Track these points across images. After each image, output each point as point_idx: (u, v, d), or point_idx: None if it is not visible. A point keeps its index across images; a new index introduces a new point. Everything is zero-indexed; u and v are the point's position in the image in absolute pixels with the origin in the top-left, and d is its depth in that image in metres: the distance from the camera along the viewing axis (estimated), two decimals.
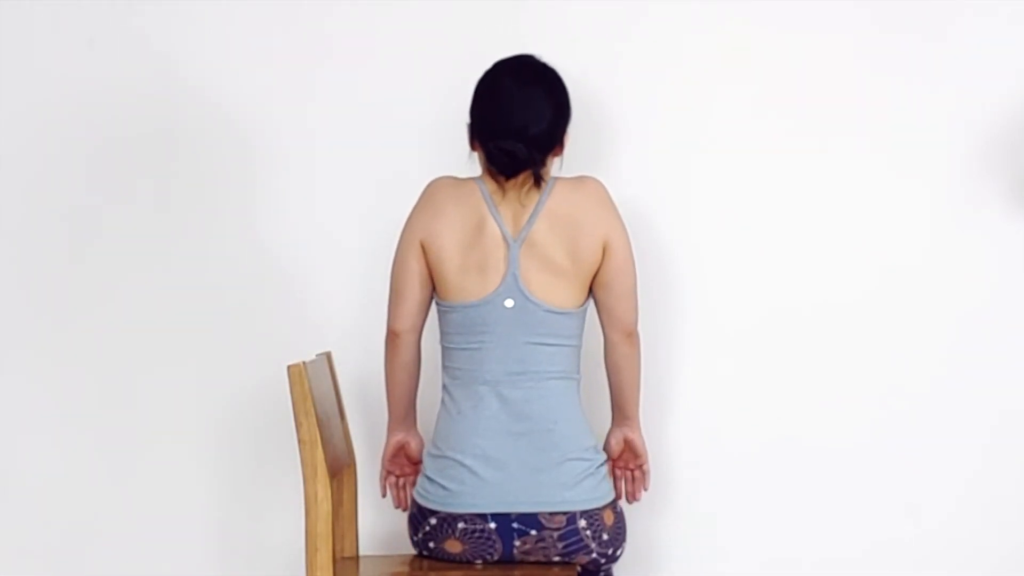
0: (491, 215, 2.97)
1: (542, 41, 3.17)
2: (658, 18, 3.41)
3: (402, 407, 3.11)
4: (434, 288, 3.02)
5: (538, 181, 2.97)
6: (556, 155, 3.03)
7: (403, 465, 3.16)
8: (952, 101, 3.37)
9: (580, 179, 3.02)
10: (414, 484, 3.11)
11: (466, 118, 3.02)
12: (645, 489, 3.18)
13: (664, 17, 3.41)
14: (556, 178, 3.01)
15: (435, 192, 3.02)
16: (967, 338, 3.38)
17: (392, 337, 3.05)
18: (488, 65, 3.03)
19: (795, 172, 3.40)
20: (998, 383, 3.38)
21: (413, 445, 3.15)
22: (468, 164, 3.06)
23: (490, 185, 3.00)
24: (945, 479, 3.38)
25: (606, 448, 3.14)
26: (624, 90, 3.41)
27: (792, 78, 3.39)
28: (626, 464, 3.16)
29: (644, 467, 3.17)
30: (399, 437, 3.14)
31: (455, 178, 3.04)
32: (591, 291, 3.03)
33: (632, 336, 3.06)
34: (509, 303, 2.95)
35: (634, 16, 3.41)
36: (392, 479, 3.17)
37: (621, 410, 3.13)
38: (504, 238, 2.96)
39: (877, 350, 3.39)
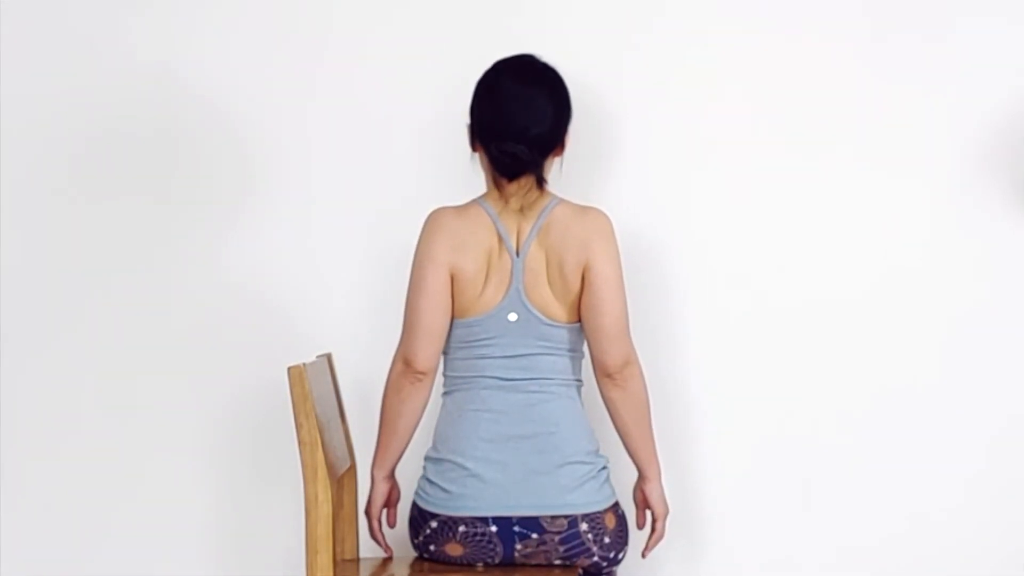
0: (501, 234, 2.95)
1: (542, 42, 3.15)
2: (660, 18, 3.41)
3: (400, 451, 3.01)
4: None
5: (540, 183, 2.96)
6: (557, 155, 3.01)
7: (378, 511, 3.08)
8: (952, 102, 3.37)
9: (585, 208, 2.98)
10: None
11: (466, 118, 3.00)
12: (649, 548, 3.08)
13: (666, 17, 3.40)
14: (562, 200, 2.98)
15: (446, 223, 2.95)
16: (969, 338, 3.38)
17: (417, 377, 2.94)
18: (488, 65, 3.02)
19: (796, 174, 3.40)
20: (1000, 383, 3.37)
21: (395, 493, 3.08)
22: (469, 164, 3.05)
23: (492, 197, 2.98)
24: (947, 480, 3.38)
25: (635, 499, 3.09)
26: (625, 90, 3.40)
27: (793, 79, 3.39)
28: (654, 518, 3.08)
29: (656, 525, 3.06)
30: (390, 485, 3.05)
31: (455, 207, 2.98)
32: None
33: (614, 379, 2.95)
34: (513, 317, 2.93)
35: (635, 16, 3.41)
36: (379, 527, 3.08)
37: (633, 460, 3.04)
38: (509, 253, 2.95)
39: (880, 354, 3.38)
